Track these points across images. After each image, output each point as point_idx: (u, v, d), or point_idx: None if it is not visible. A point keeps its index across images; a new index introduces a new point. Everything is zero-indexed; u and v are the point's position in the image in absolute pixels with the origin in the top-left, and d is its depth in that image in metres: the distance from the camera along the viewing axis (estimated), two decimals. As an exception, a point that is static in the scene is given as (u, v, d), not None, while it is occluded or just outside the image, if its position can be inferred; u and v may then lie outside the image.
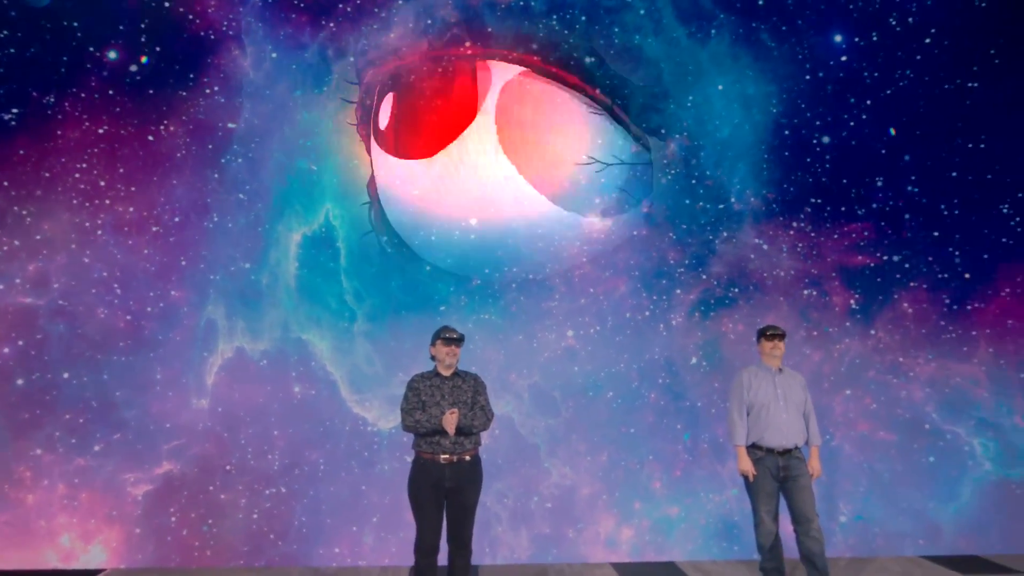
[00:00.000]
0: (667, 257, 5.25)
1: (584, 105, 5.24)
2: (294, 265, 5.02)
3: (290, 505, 4.79)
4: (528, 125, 5.19)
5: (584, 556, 4.87)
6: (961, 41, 5.51)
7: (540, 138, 5.19)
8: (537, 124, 5.20)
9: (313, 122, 5.15)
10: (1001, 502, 5.13)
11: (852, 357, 5.21)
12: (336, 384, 4.94)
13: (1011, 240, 5.38)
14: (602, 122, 5.23)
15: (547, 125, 5.21)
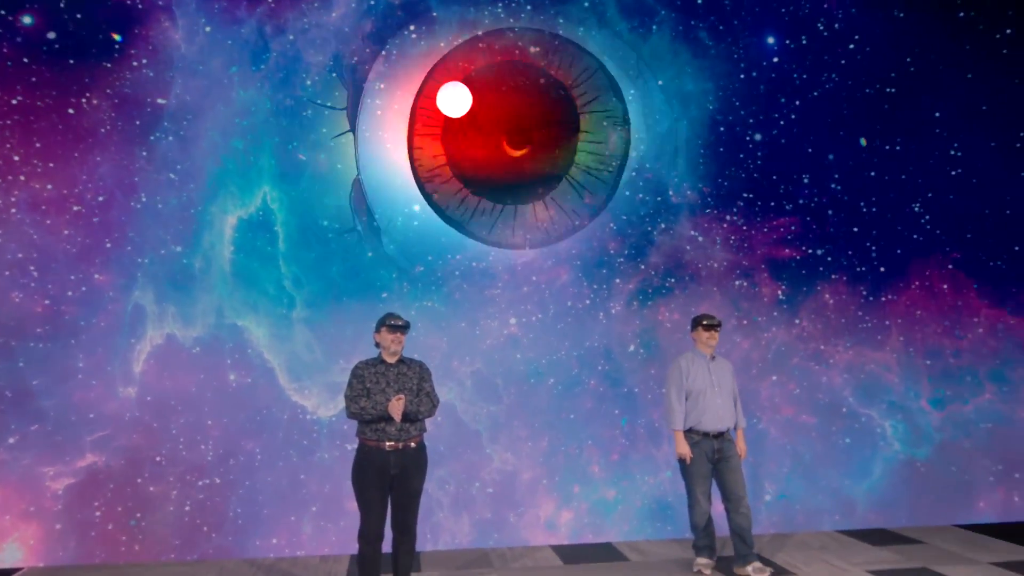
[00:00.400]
0: (607, 247, 5.37)
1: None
2: (229, 249, 4.85)
3: (225, 496, 4.66)
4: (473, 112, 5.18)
5: (525, 539, 4.96)
6: (881, 49, 5.85)
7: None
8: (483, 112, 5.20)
9: (250, 101, 4.97)
10: (908, 479, 5.54)
11: (778, 345, 5.50)
12: (274, 372, 4.82)
13: (921, 237, 5.79)
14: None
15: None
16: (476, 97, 5.08)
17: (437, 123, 5.16)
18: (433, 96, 5.10)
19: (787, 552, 4.75)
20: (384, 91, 5.12)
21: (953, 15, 5.99)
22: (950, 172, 5.88)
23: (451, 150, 5.18)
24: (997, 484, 5.68)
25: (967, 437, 5.68)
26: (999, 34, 6.06)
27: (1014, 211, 5.96)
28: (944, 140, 5.90)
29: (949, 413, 5.67)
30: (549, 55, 5.38)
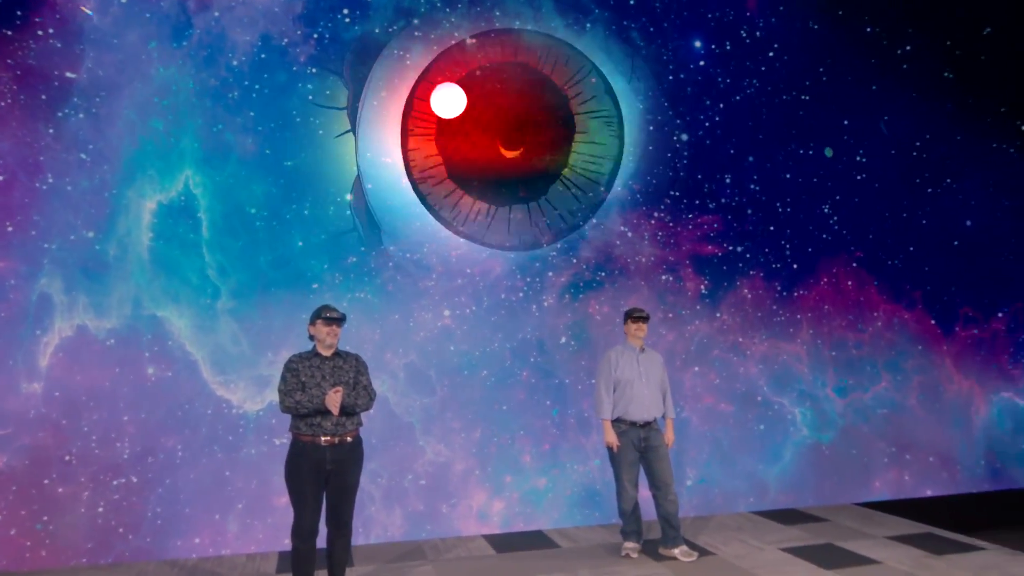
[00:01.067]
0: (541, 240, 5.44)
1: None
2: (148, 236, 4.59)
3: (142, 496, 4.43)
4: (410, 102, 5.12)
5: (457, 530, 4.99)
6: (797, 59, 6.20)
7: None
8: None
9: (171, 79, 4.70)
10: (814, 462, 5.96)
11: (700, 337, 5.76)
12: (197, 365, 4.61)
13: (829, 236, 6.20)
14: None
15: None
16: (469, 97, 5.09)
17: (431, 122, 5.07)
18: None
19: (708, 534, 5.01)
20: (316, 75, 4.97)
21: (861, 30, 6.42)
22: (856, 177, 6.32)
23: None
24: (891, 465, 6.20)
25: (865, 422, 6.16)
26: (900, 50, 6.55)
27: (909, 215, 6.49)
28: (851, 147, 6.33)
29: (851, 400, 6.13)
30: (484, 48, 5.38)
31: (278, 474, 4.61)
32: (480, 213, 5.26)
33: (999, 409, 6.66)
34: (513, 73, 5.40)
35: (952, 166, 6.66)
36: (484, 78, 5.32)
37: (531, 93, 5.44)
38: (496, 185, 5.32)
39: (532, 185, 5.40)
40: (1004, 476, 6.60)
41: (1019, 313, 6.84)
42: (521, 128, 5.39)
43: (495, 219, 5.24)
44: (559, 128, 5.49)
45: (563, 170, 5.44)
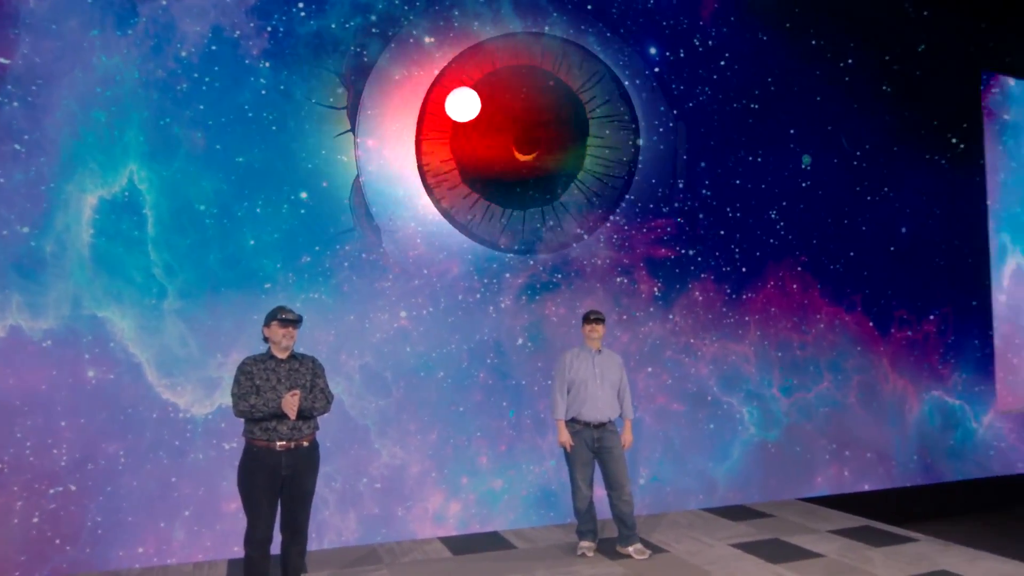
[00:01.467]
0: (498, 242, 5.44)
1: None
2: (88, 232, 4.38)
3: (81, 505, 4.22)
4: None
5: (413, 533, 4.95)
6: (747, 68, 6.39)
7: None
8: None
9: (114, 69, 4.50)
10: (760, 460, 6.15)
11: (654, 339, 5.86)
12: (141, 367, 4.42)
13: (776, 241, 6.41)
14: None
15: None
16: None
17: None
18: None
19: (660, 531, 5.11)
20: (270, 69, 4.84)
21: (807, 42, 6.67)
22: (801, 184, 6.56)
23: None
24: (832, 461, 6.45)
25: (809, 420, 6.40)
26: (843, 63, 6.83)
27: (850, 221, 6.77)
28: (796, 154, 6.56)
29: (795, 399, 6.36)
30: (442, 47, 5.34)
31: (227, 479, 4.51)
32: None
33: (930, 407, 7.02)
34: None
35: (889, 175, 6.99)
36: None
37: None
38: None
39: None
40: (934, 470, 6.97)
41: (948, 316, 7.23)
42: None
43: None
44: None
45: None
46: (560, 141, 5.67)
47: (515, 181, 5.50)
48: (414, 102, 5.23)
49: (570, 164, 5.69)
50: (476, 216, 5.38)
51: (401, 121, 5.18)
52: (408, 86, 5.22)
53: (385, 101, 5.14)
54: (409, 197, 5.18)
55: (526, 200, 5.52)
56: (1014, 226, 7.78)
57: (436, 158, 5.28)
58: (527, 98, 5.57)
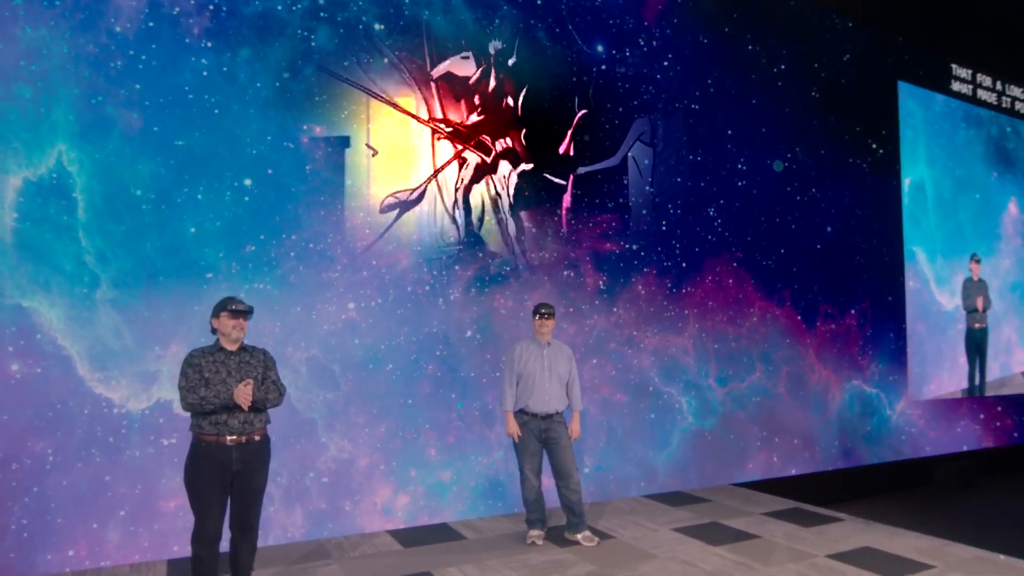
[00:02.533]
0: (448, 234, 5.43)
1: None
2: (12, 216, 4.09)
3: (5, 507, 3.95)
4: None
5: (361, 527, 4.89)
6: (688, 69, 6.60)
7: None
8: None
9: (40, 41, 4.21)
10: (697, 447, 6.40)
11: (599, 331, 6.00)
12: (71, 360, 4.17)
13: (714, 238, 6.67)
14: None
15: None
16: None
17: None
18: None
19: (606, 519, 5.24)
20: (212, 49, 4.64)
21: (744, 47, 6.95)
22: (737, 183, 6.84)
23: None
24: (762, 448, 6.79)
25: (742, 409, 6.70)
26: (775, 68, 7.15)
27: (781, 220, 7.12)
28: (733, 155, 6.84)
29: (730, 389, 6.64)
30: (392, 35, 5.28)
31: (165, 477, 4.34)
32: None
33: (850, 395, 7.49)
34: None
35: (817, 177, 7.39)
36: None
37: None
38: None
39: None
40: (854, 455, 7.44)
41: (867, 311, 7.71)
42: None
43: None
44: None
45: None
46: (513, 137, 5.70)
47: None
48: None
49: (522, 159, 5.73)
50: (427, 207, 5.35)
51: (351, 108, 5.09)
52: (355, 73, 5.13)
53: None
54: (357, 187, 5.09)
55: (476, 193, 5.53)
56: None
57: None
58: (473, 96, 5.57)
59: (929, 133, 8.51)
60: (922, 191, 8.37)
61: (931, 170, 8.49)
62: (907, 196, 8.18)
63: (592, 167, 6.05)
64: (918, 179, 8.33)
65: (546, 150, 5.87)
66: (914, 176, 8.28)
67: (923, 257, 8.27)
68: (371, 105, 5.17)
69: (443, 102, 5.47)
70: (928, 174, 8.45)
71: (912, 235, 8.18)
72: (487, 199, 5.60)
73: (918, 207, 8.30)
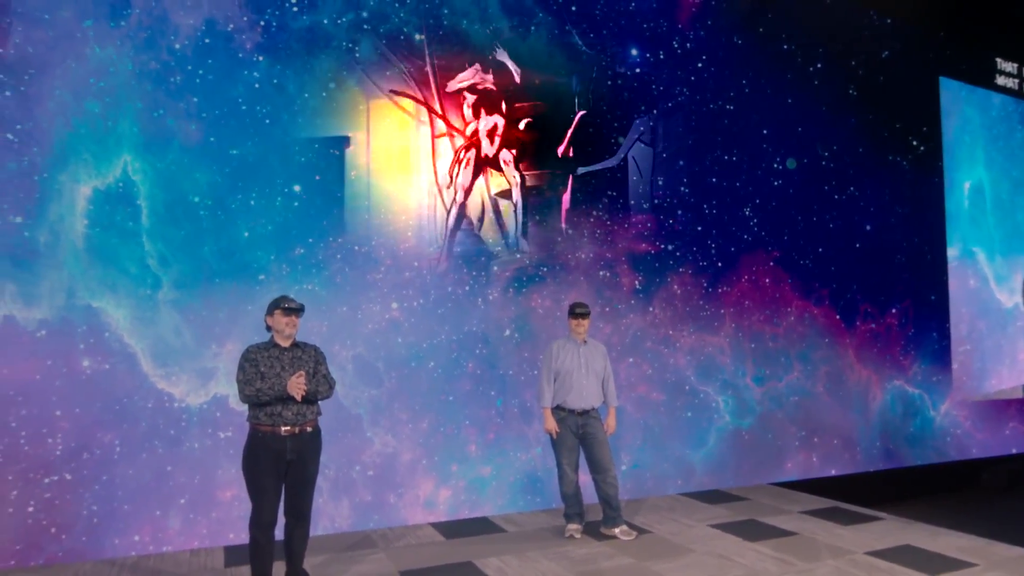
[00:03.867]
0: (486, 236, 5.59)
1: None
2: (82, 223, 4.39)
3: (77, 494, 4.24)
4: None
5: (404, 519, 5.07)
6: (722, 70, 6.65)
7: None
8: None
9: (108, 60, 4.51)
10: (735, 446, 6.42)
11: (634, 330, 6.08)
12: (136, 357, 4.45)
13: (750, 237, 6.69)
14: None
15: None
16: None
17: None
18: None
19: (642, 515, 5.32)
20: (263, 63, 4.90)
21: (779, 47, 6.96)
22: (773, 183, 6.85)
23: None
24: (801, 448, 6.76)
25: (780, 409, 6.70)
26: (812, 67, 7.14)
27: (819, 219, 7.09)
28: (769, 155, 6.85)
29: (767, 389, 6.65)
30: (432, 44, 5.47)
31: (222, 468, 4.58)
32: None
33: (892, 396, 7.40)
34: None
35: (855, 175, 7.34)
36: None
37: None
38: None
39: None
40: (896, 456, 7.35)
41: (908, 310, 7.62)
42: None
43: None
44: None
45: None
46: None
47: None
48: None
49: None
50: (467, 211, 5.51)
51: (393, 117, 5.29)
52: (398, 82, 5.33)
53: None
54: (399, 192, 5.28)
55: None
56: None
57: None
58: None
59: (987, 137, 8.45)
60: (981, 193, 8.32)
61: (989, 173, 8.43)
62: (967, 199, 8.18)
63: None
64: (977, 182, 8.29)
65: (581, 152, 5.98)
66: (973, 179, 8.27)
67: (983, 257, 8.23)
68: (419, 112, 5.37)
69: (481, 107, 5.63)
70: (987, 177, 8.40)
71: (971, 235, 8.16)
72: (525, 202, 5.74)
73: (977, 209, 8.26)
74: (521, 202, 5.72)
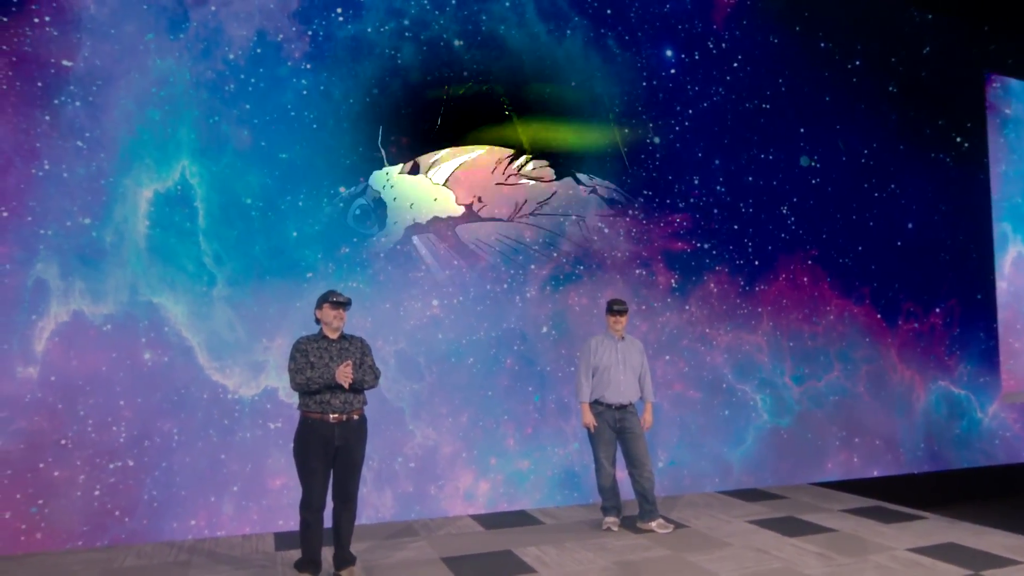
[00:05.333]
0: (524, 235, 5.71)
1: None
2: (144, 224, 4.66)
3: (139, 479, 4.50)
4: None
5: (445, 510, 5.20)
6: (758, 70, 6.66)
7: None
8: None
9: (167, 70, 4.79)
10: (773, 445, 6.40)
11: (671, 328, 6.12)
12: (192, 351, 4.70)
13: (787, 235, 6.67)
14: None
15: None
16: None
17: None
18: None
19: (679, 510, 5.35)
20: (311, 71, 5.13)
21: (816, 45, 6.94)
22: (811, 181, 6.82)
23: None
24: (841, 448, 6.70)
25: (819, 408, 6.65)
26: (850, 65, 7.10)
27: (859, 217, 7.03)
28: (807, 153, 6.82)
29: (806, 388, 6.61)
30: (471, 50, 5.64)
31: (272, 457, 4.79)
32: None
33: (936, 397, 7.27)
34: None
35: (896, 173, 7.25)
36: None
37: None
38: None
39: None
40: (941, 458, 7.21)
41: (953, 309, 7.47)
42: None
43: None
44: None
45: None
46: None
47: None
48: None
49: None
50: (504, 209, 5.65)
51: (433, 120, 5.47)
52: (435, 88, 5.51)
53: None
54: (438, 192, 5.45)
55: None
56: (1015, 215, 8.04)
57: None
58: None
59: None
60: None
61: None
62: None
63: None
64: (1010, 166, 8.07)
65: (616, 152, 6.07)
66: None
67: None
68: (451, 116, 5.54)
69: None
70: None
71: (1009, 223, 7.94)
72: (560, 201, 5.85)
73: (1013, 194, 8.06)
74: (557, 201, 5.83)
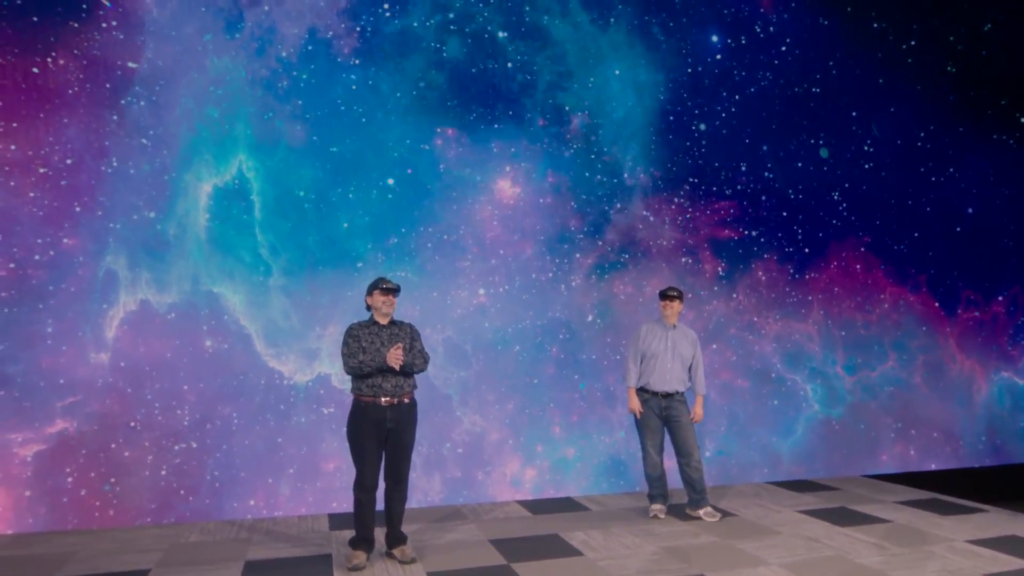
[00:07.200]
0: (569, 224, 5.74)
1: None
2: (204, 216, 4.87)
3: (201, 460, 4.72)
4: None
5: (492, 496, 5.29)
6: (807, 53, 6.52)
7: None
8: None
9: (224, 69, 4.98)
10: (825, 436, 6.28)
11: (718, 317, 6.07)
12: (250, 338, 4.89)
13: (839, 222, 6.52)
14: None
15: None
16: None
17: (411, 100, 5.34)
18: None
19: (727, 500, 5.32)
20: (359, 66, 5.26)
21: (868, 26, 6.74)
22: (864, 165, 6.65)
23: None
24: (897, 439, 6.52)
25: (873, 399, 6.49)
26: (905, 45, 6.88)
27: (914, 202, 6.81)
28: (859, 137, 6.65)
29: (859, 378, 6.46)
30: (515, 41, 5.68)
31: (326, 441, 4.95)
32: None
33: (999, 388, 7.00)
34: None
35: (954, 156, 7.00)
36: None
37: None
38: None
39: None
40: (1004, 451, 6.95)
41: (1017, 297, 7.18)
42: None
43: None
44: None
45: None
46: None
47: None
48: (489, 93, 5.57)
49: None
50: (550, 200, 5.69)
51: (478, 111, 5.54)
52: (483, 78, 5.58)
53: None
54: (485, 182, 5.53)
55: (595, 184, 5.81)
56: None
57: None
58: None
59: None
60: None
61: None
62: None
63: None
64: None
65: (661, 139, 6.03)
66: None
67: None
68: (496, 106, 5.60)
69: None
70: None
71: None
72: (605, 189, 5.85)
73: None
74: (600, 190, 5.84)
